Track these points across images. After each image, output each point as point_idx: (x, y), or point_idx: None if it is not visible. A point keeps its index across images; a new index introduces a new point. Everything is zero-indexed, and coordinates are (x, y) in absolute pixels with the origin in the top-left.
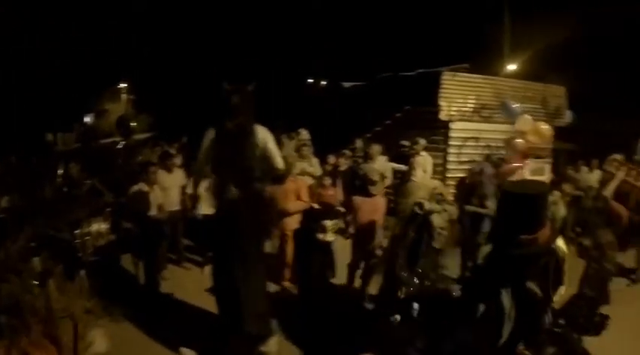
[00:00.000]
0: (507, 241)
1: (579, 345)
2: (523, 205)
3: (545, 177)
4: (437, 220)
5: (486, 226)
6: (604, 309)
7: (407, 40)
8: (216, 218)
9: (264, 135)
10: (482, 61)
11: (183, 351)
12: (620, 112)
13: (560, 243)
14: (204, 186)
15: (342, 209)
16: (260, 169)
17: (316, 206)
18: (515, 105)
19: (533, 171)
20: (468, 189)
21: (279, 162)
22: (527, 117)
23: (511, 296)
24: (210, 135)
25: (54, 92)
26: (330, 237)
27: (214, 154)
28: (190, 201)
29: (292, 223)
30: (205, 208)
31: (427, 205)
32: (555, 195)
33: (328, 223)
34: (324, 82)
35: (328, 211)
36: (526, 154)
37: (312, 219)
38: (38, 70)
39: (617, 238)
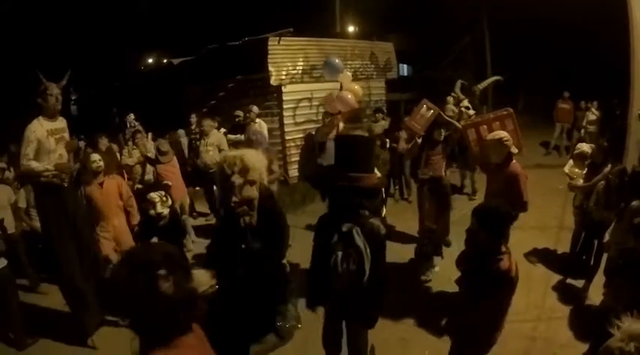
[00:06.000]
0: (339, 176)
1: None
2: (354, 146)
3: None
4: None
5: None
6: None
7: (233, 10)
8: None
9: None
10: (316, 25)
11: None
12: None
13: None
14: None
15: (168, 182)
16: None
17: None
18: (337, 61)
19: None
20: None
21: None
22: (348, 73)
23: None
24: None
25: None
26: (160, 208)
27: None
28: None
29: None
30: None
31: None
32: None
33: (153, 195)
34: (150, 61)
35: (150, 186)
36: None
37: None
38: None
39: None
